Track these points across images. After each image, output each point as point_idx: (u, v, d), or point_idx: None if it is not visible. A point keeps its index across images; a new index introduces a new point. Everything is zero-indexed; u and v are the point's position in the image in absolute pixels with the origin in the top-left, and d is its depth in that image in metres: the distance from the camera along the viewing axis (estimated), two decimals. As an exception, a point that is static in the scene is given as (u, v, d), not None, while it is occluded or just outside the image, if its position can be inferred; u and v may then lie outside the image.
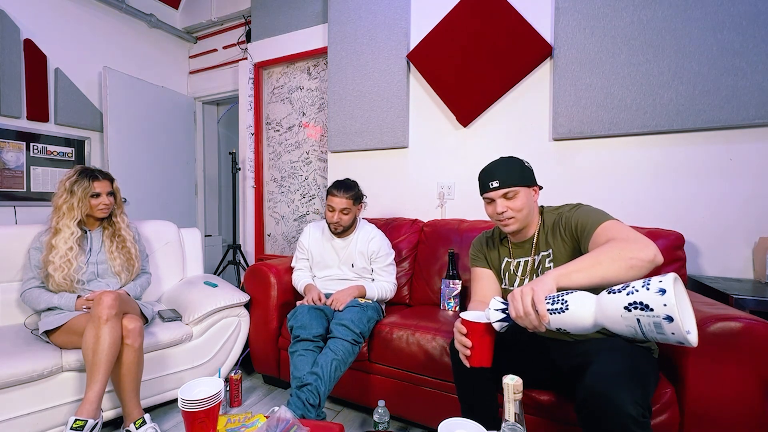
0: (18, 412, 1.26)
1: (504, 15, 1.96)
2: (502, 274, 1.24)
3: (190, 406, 0.90)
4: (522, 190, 1.10)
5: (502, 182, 1.10)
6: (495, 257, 1.27)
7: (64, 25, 2.77)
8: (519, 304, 0.81)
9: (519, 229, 1.14)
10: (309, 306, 1.61)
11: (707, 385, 1.00)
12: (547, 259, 1.12)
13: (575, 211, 1.08)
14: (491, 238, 1.30)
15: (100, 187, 1.60)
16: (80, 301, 1.49)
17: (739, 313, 1.02)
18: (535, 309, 0.80)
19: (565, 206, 1.15)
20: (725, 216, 1.62)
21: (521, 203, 1.10)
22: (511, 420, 0.76)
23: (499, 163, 1.15)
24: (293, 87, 2.99)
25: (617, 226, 0.96)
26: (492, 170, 1.13)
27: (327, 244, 1.85)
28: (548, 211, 1.18)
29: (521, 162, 1.14)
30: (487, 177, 1.13)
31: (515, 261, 1.20)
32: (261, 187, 3.15)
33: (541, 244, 1.15)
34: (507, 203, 1.10)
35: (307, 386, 1.35)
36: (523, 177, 1.11)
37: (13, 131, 2.52)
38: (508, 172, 1.11)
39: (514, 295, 0.83)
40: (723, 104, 1.57)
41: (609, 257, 0.84)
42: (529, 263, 1.17)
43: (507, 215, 1.10)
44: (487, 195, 1.14)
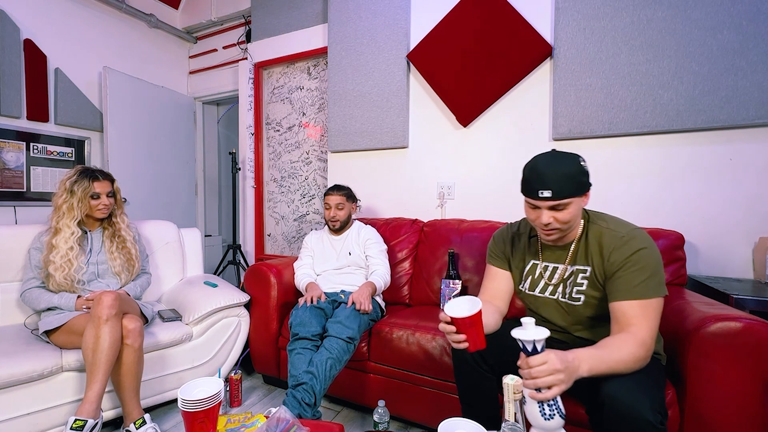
0: (18, 412, 1.26)
1: (504, 15, 1.96)
2: (523, 276, 1.15)
3: (190, 406, 0.90)
4: (575, 200, 0.95)
5: (555, 193, 0.93)
6: (519, 257, 1.16)
7: (64, 25, 2.77)
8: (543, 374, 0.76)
9: (561, 238, 1.03)
10: (308, 306, 1.61)
11: (707, 385, 1.00)
12: (581, 275, 1.03)
13: (635, 252, 0.93)
14: (518, 234, 1.19)
15: (100, 187, 1.60)
16: (80, 301, 1.49)
17: (739, 313, 1.02)
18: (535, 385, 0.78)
19: (622, 227, 0.99)
20: (725, 216, 1.62)
21: (570, 216, 0.96)
22: (511, 420, 0.76)
23: (553, 165, 0.95)
24: (293, 87, 2.99)
25: (650, 314, 0.90)
26: (544, 175, 0.95)
27: (327, 243, 1.96)
28: (596, 221, 1.03)
29: (579, 165, 0.96)
30: (537, 182, 0.96)
31: (544, 265, 1.10)
32: (261, 187, 3.15)
33: (580, 256, 1.03)
34: (554, 214, 0.96)
35: (302, 385, 1.36)
36: (579, 185, 0.95)
37: (13, 131, 2.52)
38: (563, 180, 0.93)
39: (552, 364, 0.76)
40: (723, 104, 1.57)
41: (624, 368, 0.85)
42: (561, 272, 1.07)
43: (551, 227, 0.98)
44: (531, 201, 0.99)
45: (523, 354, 0.81)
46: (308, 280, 1.84)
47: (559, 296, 1.08)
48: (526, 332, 0.80)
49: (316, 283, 1.84)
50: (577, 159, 0.97)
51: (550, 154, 1.01)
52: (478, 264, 1.82)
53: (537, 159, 1.00)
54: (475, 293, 1.77)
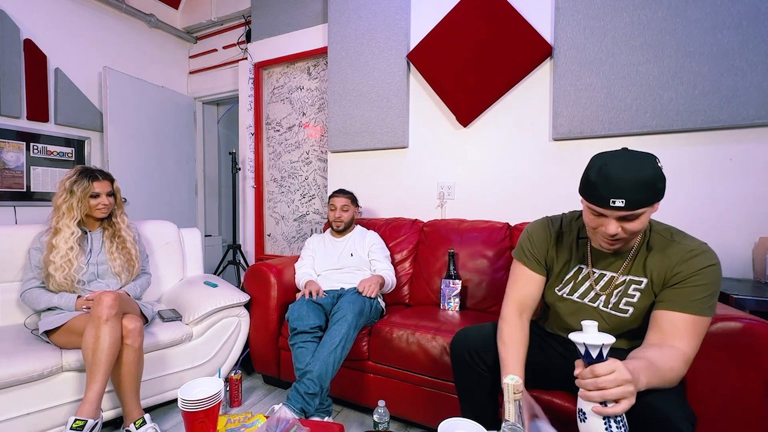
0: (18, 412, 1.26)
1: (504, 15, 1.96)
2: (564, 280, 1.05)
3: (190, 406, 0.90)
4: (649, 210, 0.84)
5: (629, 203, 0.81)
6: (562, 259, 1.05)
7: (64, 25, 2.77)
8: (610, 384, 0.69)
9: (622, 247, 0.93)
10: (306, 300, 1.64)
11: (707, 385, 1.00)
12: (633, 286, 0.95)
13: (701, 273, 0.86)
14: (560, 231, 1.07)
15: (100, 187, 1.60)
16: (80, 301, 1.49)
17: (739, 313, 1.02)
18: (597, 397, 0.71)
19: (686, 239, 0.92)
20: (725, 216, 1.62)
21: (641, 225, 0.85)
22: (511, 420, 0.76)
23: (629, 169, 0.82)
24: (293, 87, 2.98)
25: (697, 333, 0.85)
26: (619, 181, 0.82)
27: (328, 244, 2.01)
28: (658, 231, 0.96)
29: (657, 169, 0.83)
30: (608, 189, 0.83)
31: (591, 270, 1.01)
32: (261, 187, 3.15)
33: (636, 267, 0.95)
34: (623, 224, 0.85)
35: (306, 375, 1.39)
36: (656, 193, 0.83)
37: (13, 131, 2.52)
38: (640, 188, 0.81)
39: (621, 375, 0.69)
40: (723, 104, 1.57)
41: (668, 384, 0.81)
42: (612, 281, 0.98)
43: (619, 237, 0.87)
44: (601, 210, 0.86)
45: (581, 362, 0.74)
46: (308, 278, 1.86)
47: (601, 305, 1.00)
48: (592, 336, 0.71)
49: (316, 281, 1.85)
50: (654, 161, 0.84)
51: (622, 154, 0.87)
52: (479, 264, 1.82)
53: (607, 160, 0.86)
54: (476, 293, 1.79)
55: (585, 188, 0.90)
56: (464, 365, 1.10)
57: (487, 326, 1.14)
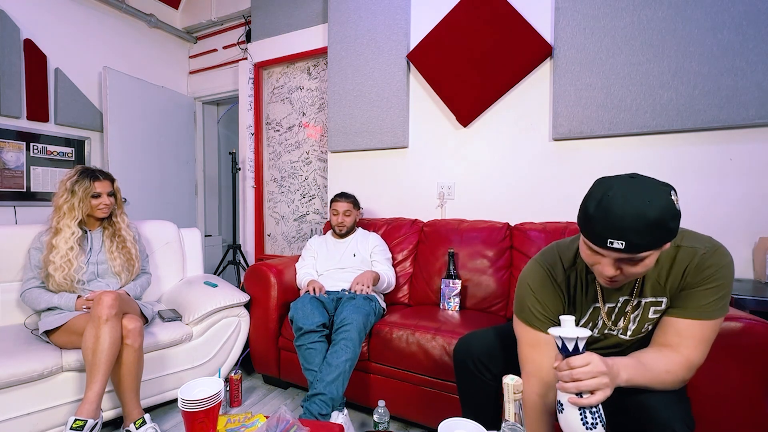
0: (18, 412, 1.26)
1: (504, 15, 1.96)
2: (584, 323, 0.94)
3: (190, 406, 0.90)
4: (655, 252, 0.73)
5: (630, 245, 0.70)
6: (577, 309, 0.93)
7: (64, 25, 2.77)
8: (585, 376, 0.69)
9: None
10: (308, 297, 1.64)
11: (707, 385, 1.00)
12: (653, 308, 0.87)
13: (716, 272, 0.80)
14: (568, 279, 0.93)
15: (101, 187, 1.60)
16: (80, 301, 1.49)
17: (739, 313, 1.02)
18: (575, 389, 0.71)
19: (698, 241, 0.84)
20: (725, 216, 1.62)
21: (643, 269, 0.75)
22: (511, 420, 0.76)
23: (634, 205, 0.69)
24: (293, 87, 2.98)
25: (708, 338, 0.82)
26: (621, 219, 0.69)
27: (331, 246, 2.02)
28: (682, 245, 0.84)
29: (669, 205, 0.69)
30: (606, 227, 0.71)
31: (606, 306, 0.90)
32: (261, 187, 3.15)
33: (652, 287, 0.85)
34: (624, 267, 0.75)
35: (318, 396, 1.36)
36: (665, 235, 0.70)
37: (13, 131, 2.52)
38: (646, 231, 0.68)
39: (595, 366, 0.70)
40: (723, 104, 1.57)
41: (663, 386, 0.80)
42: (620, 304, 0.90)
43: (619, 279, 0.78)
44: (595, 248, 0.75)
45: (560, 355, 0.75)
46: (309, 278, 1.87)
47: (620, 333, 0.91)
48: (568, 330, 0.73)
49: (316, 279, 1.86)
50: (668, 194, 0.70)
51: (628, 184, 0.72)
52: (478, 264, 1.82)
53: (609, 190, 0.72)
54: (475, 293, 1.79)
55: (582, 221, 0.77)
56: (468, 373, 1.09)
57: (490, 332, 1.13)
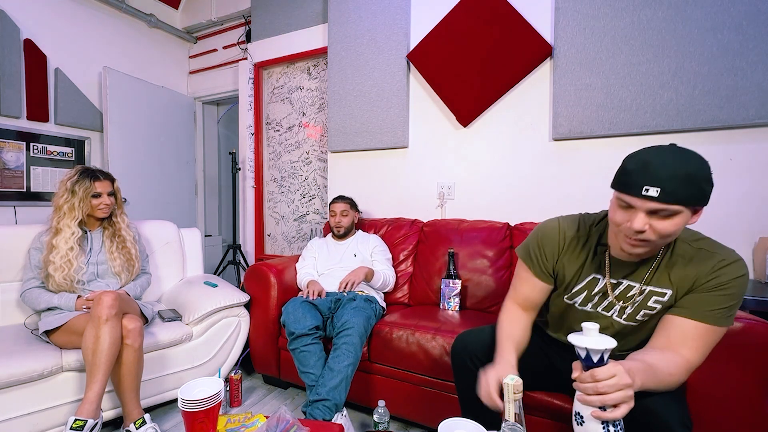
0: (18, 412, 1.26)
1: (504, 15, 1.96)
2: (575, 290, 0.97)
3: (190, 406, 0.90)
4: (685, 212, 0.74)
5: (665, 193, 0.71)
6: (574, 266, 0.96)
7: (64, 25, 2.77)
8: (610, 388, 0.68)
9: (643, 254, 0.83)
10: (300, 301, 1.63)
11: (707, 385, 1.00)
12: (655, 297, 0.87)
13: (732, 282, 0.80)
14: (579, 237, 0.96)
15: (101, 187, 1.60)
16: (80, 301, 1.49)
17: (739, 313, 1.02)
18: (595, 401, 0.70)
19: (720, 249, 0.84)
20: (725, 216, 1.62)
21: (673, 228, 0.74)
22: (511, 420, 0.76)
23: (672, 159, 0.73)
24: (293, 87, 2.98)
25: (708, 343, 0.82)
26: (657, 168, 0.72)
27: (331, 247, 2.03)
28: (685, 239, 0.87)
29: (706, 169, 0.74)
30: (643, 175, 0.73)
31: (608, 280, 0.92)
32: (261, 187, 3.15)
33: (661, 277, 0.87)
34: (653, 222, 0.75)
35: (321, 402, 1.36)
36: (699, 195, 0.73)
37: (13, 131, 2.52)
38: (681, 181, 0.71)
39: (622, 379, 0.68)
40: (723, 104, 1.57)
41: (665, 388, 0.80)
42: (623, 288, 0.91)
43: (645, 237, 0.76)
44: (627, 199, 0.76)
45: (579, 364, 0.72)
46: (310, 278, 1.87)
47: (615, 314, 0.94)
48: (593, 340, 0.69)
49: (317, 281, 1.85)
50: (706, 162, 0.74)
51: (670, 147, 0.76)
52: (478, 264, 1.82)
53: (650, 149, 0.76)
54: (475, 293, 1.79)
55: (618, 178, 0.79)
56: (466, 370, 1.09)
57: (486, 329, 1.13)
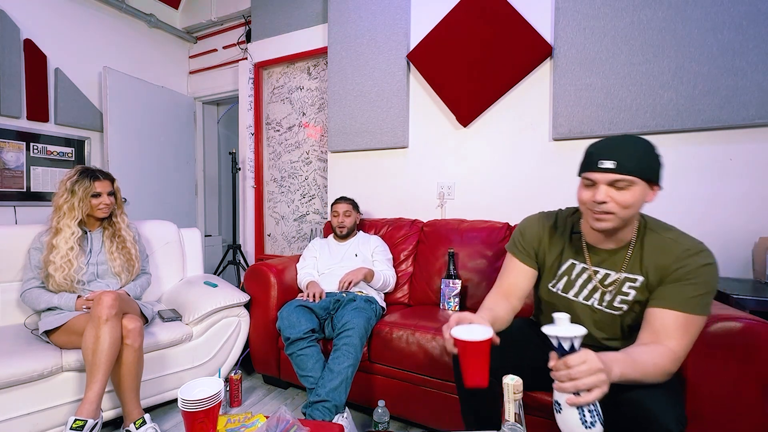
0: (18, 412, 1.26)
1: (504, 15, 1.96)
2: (557, 274, 1.05)
3: (190, 406, 0.90)
4: (639, 183, 0.84)
5: (619, 165, 0.83)
6: (554, 252, 1.05)
7: (64, 25, 2.77)
8: (582, 373, 0.70)
9: (611, 229, 0.90)
10: (294, 305, 1.62)
11: (707, 385, 1.00)
12: (628, 284, 0.95)
13: (700, 267, 0.86)
14: (556, 226, 1.07)
15: (101, 186, 1.60)
16: (80, 301, 1.49)
17: (739, 313, 1.02)
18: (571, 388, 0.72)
19: (684, 237, 0.91)
20: (725, 216, 1.62)
21: (632, 199, 0.84)
22: (511, 420, 0.76)
23: (622, 139, 0.88)
24: (293, 87, 2.98)
25: (690, 332, 0.85)
26: (610, 146, 0.86)
27: (333, 247, 2.03)
28: (654, 228, 0.94)
29: (652, 148, 0.87)
30: (599, 152, 0.86)
31: (584, 267, 1.00)
32: (261, 187, 3.15)
33: (634, 264, 0.94)
34: (613, 193, 0.85)
35: (321, 404, 1.36)
36: (648, 168, 0.85)
37: (13, 131, 2.52)
38: (630, 155, 0.84)
39: (593, 363, 0.71)
40: (723, 104, 1.57)
41: (653, 378, 0.81)
42: (608, 279, 0.98)
43: (606, 208, 0.86)
44: (590, 175, 0.87)
45: (554, 354, 0.76)
46: (310, 278, 1.86)
47: (595, 302, 1.00)
48: (563, 329, 0.74)
49: (317, 282, 1.85)
50: (654, 146, 0.87)
51: (622, 135, 0.91)
52: (478, 264, 1.82)
53: (607, 138, 0.91)
54: (475, 293, 1.79)
55: (581, 163, 0.92)
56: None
57: None
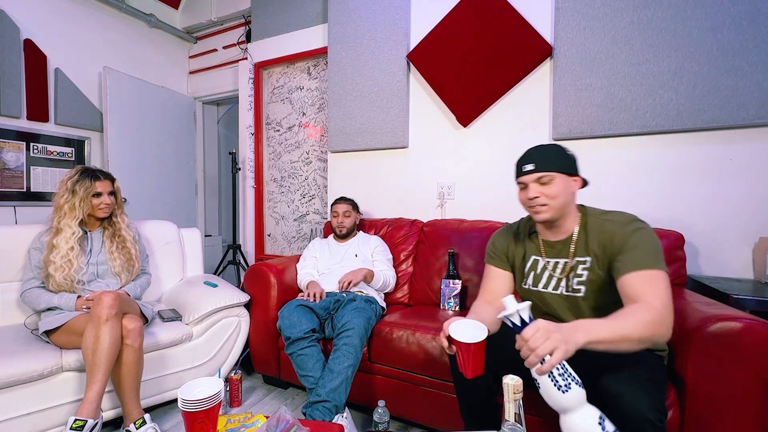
0: (18, 412, 1.26)
1: (504, 15, 1.96)
2: (525, 272, 1.17)
3: (190, 406, 0.90)
4: (558, 176, 1.02)
5: (537, 165, 1.02)
6: (519, 253, 1.19)
7: (64, 25, 2.77)
8: (538, 341, 0.74)
9: (552, 219, 1.05)
10: (294, 305, 1.62)
11: (707, 385, 1.00)
12: (581, 266, 1.06)
13: (632, 232, 0.97)
14: (517, 232, 1.22)
15: (102, 186, 1.60)
16: (80, 301, 1.49)
17: (739, 313, 1.02)
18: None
19: (616, 215, 1.04)
20: (725, 216, 1.62)
21: (557, 190, 1.01)
22: (511, 420, 0.76)
23: (537, 147, 1.08)
24: (293, 87, 2.98)
25: (659, 283, 0.90)
26: (528, 154, 1.06)
27: (333, 247, 2.03)
28: (593, 214, 1.08)
29: (562, 148, 1.06)
30: (522, 161, 1.07)
31: (546, 260, 1.13)
32: (261, 187, 3.15)
33: (580, 249, 1.06)
34: (541, 189, 1.02)
35: (321, 404, 1.36)
36: (562, 162, 1.03)
37: (13, 131, 2.52)
38: (545, 156, 1.03)
39: (544, 329, 0.75)
40: (723, 104, 1.57)
41: (638, 338, 0.81)
42: (562, 266, 1.09)
43: (539, 201, 1.03)
44: (520, 179, 1.07)
45: (516, 334, 0.80)
46: (310, 278, 1.87)
47: (563, 290, 1.10)
48: (509, 308, 0.79)
49: (317, 282, 1.85)
50: (563, 147, 1.07)
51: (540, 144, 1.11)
52: (478, 264, 1.82)
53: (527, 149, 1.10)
54: (475, 293, 1.78)
55: (514, 173, 1.10)
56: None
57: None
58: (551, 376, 0.76)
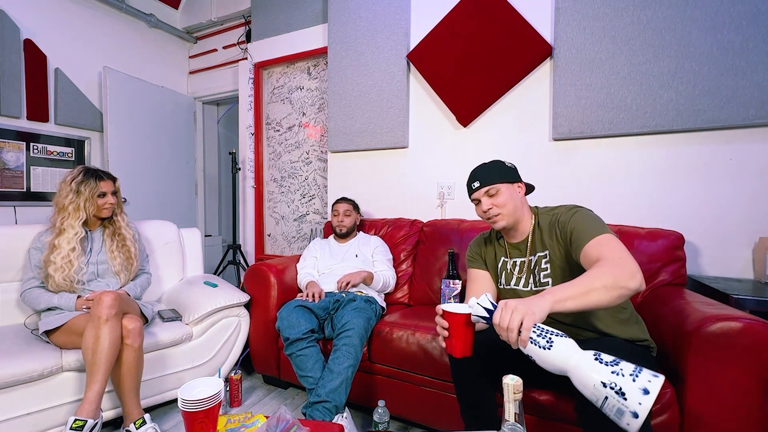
0: (18, 412, 1.26)
1: (504, 15, 1.96)
2: (498, 272, 1.25)
3: (190, 406, 0.90)
4: (503, 186, 1.15)
5: (482, 182, 1.16)
6: (491, 256, 1.29)
7: (64, 25, 2.77)
8: (507, 318, 0.78)
9: (508, 225, 1.16)
10: (293, 305, 1.62)
11: (707, 385, 1.00)
12: (543, 260, 1.14)
13: (572, 215, 1.08)
14: (488, 237, 1.33)
15: (106, 186, 1.61)
16: (80, 301, 1.49)
17: (739, 313, 1.02)
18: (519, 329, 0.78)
19: (560, 207, 1.15)
20: (725, 216, 1.62)
21: (504, 199, 1.14)
22: (511, 420, 0.76)
23: (480, 166, 1.22)
24: (293, 87, 2.99)
25: (610, 242, 0.96)
26: (474, 173, 1.20)
27: (334, 247, 2.04)
28: (543, 213, 1.19)
29: (501, 162, 1.20)
30: (469, 180, 1.21)
31: (512, 261, 1.22)
32: (261, 187, 3.15)
33: (537, 245, 1.17)
34: (491, 200, 1.15)
35: (322, 404, 1.36)
36: (502, 174, 1.16)
37: (13, 131, 2.52)
38: (487, 173, 1.17)
39: (507, 306, 0.79)
40: (723, 104, 1.57)
41: (602, 285, 0.84)
42: (525, 263, 1.18)
43: (493, 212, 1.15)
44: (473, 196, 1.20)
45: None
46: (310, 278, 1.86)
47: (532, 286, 1.16)
48: (471, 305, 0.84)
49: (317, 282, 1.85)
50: (501, 160, 1.21)
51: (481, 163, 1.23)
52: (478, 264, 1.82)
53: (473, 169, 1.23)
54: (475, 293, 1.79)
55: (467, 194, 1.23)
56: (463, 366, 1.10)
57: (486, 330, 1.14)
58: (533, 341, 0.77)
